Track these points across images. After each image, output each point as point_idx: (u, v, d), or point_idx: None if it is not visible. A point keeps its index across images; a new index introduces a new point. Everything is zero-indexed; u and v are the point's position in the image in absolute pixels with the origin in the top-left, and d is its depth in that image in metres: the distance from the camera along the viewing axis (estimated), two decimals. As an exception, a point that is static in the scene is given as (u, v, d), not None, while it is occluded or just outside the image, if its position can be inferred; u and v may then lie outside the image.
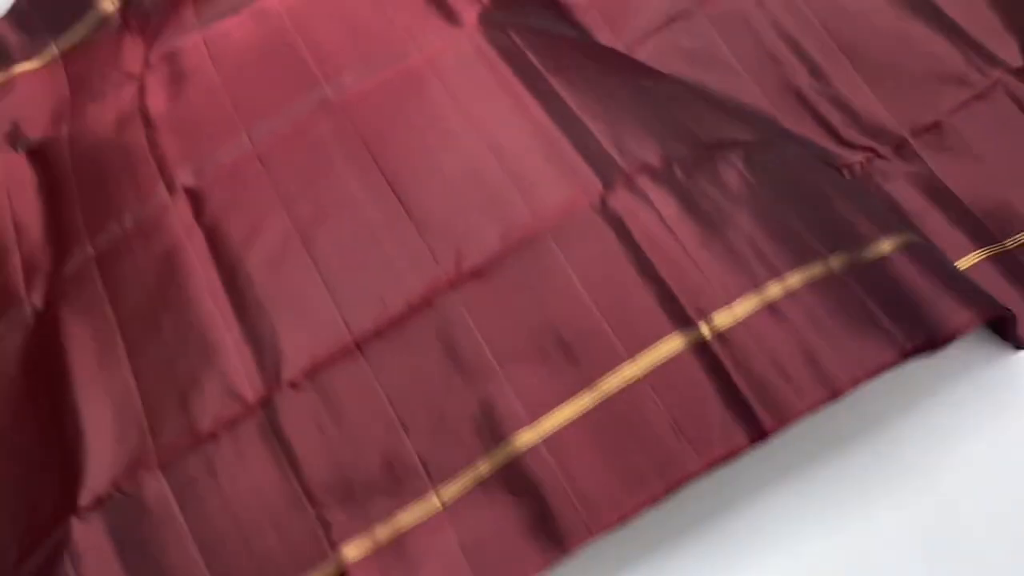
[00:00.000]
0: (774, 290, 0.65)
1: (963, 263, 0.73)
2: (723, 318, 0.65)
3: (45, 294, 0.80)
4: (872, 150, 0.80)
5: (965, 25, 0.83)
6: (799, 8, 0.87)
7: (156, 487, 0.67)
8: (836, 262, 0.66)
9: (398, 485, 0.64)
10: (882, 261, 0.67)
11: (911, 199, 0.77)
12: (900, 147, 0.80)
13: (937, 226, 0.75)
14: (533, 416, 0.64)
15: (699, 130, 0.76)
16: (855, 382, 0.61)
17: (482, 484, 0.63)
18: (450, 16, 0.85)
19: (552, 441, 0.63)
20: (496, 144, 0.75)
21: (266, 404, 0.69)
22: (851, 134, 0.81)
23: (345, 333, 0.70)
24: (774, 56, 0.86)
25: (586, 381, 0.65)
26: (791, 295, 0.65)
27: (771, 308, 0.65)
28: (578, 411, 0.64)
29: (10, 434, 0.74)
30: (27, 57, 0.97)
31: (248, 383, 0.70)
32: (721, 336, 0.64)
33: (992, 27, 0.83)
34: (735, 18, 0.87)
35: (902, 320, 0.63)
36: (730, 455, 0.61)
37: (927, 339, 0.63)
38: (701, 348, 0.64)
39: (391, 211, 0.74)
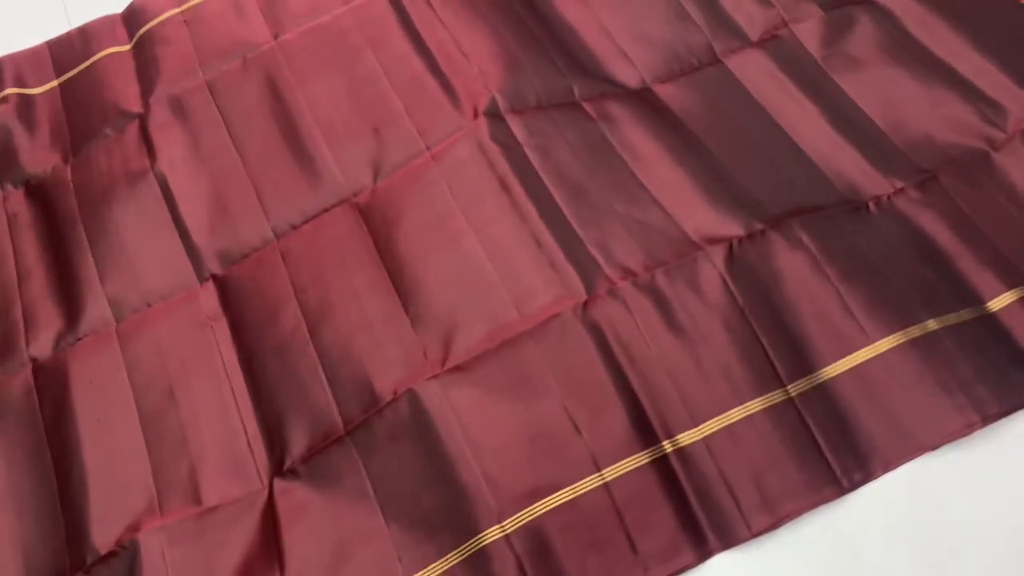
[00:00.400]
0: (735, 414, 0.70)
1: (996, 303, 0.73)
2: (687, 437, 0.69)
3: (53, 348, 0.82)
4: (900, 187, 0.81)
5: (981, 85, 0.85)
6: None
7: (158, 549, 0.70)
8: (794, 389, 0.71)
9: (373, 570, 0.68)
10: (824, 386, 0.70)
11: (940, 234, 0.77)
12: (926, 182, 0.81)
13: (967, 264, 0.76)
14: (502, 516, 0.68)
15: (689, 226, 0.79)
16: (800, 511, 0.66)
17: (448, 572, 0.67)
18: (458, 104, 0.89)
19: (519, 535, 0.67)
20: (491, 245, 0.80)
21: (268, 486, 0.73)
22: (879, 168, 0.82)
23: (337, 422, 0.75)
24: None
25: (555, 486, 0.68)
26: (749, 419, 0.70)
27: (730, 431, 0.69)
28: (544, 510, 0.68)
29: (15, 490, 0.76)
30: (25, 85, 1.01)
31: (256, 467, 0.74)
32: (682, 453, 0.69)
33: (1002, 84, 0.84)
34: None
35: (844, 451, 0.68)
36: (677, 572, 0.65)
37: (863, 476, 0.67)
38: (662, 463, 0.68)
39: (390, 306, 0.79)
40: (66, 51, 1.04)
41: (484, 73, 0.89)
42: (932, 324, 0.71)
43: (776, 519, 0.66)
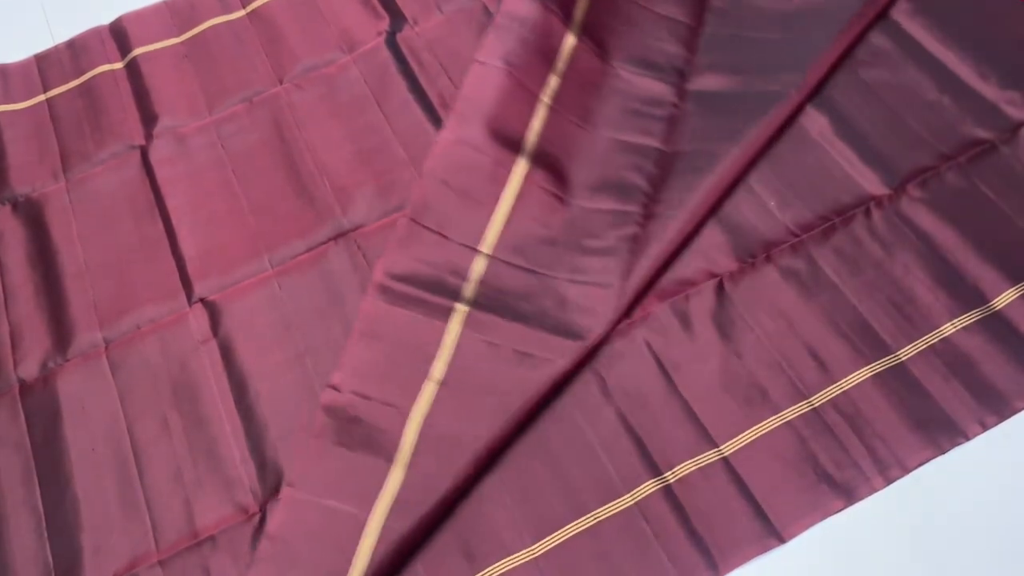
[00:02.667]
0: (728, 447, 0.72)
1: (1000, 301, 0.76)
2: (686, 468, 0.71)
3: (40, 369, 0.81)
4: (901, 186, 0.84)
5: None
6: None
7: None
8: (791, 413, 0.73)
9: None
10: (824, 408, 0.73)
11: (940, 232, 0.81)
12: (928, 179, 0.84)
13: (968, 260, 0.79)
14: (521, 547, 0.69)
15: (683, 262, 0.81)
16: (799, 529, 0.68)
17: None
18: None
19: (525, 568, 0.68)
20: None
21: (261, 511, 0.73)
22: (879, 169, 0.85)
23: None
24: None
25: (563, 520, 0.70)
26: (746, 449, 0.71)
27: (726, 462, 0.71)
28: (556, 543, 0.69)
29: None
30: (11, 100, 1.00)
31: (251, 496, 0.74)
32: (683, 481, 0.70)
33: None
34: None
35: (844, 469, 0.70)
36: None
37: (872, 489, 0.69)
38: (667, 492, 0.70)
39: None
40: (54, 66, 1.03)
41: None
42: (931, 337, 0.75)
43: (778, 539, 0.68)
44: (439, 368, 0.74)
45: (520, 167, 0.83)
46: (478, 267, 0.79)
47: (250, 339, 0.81)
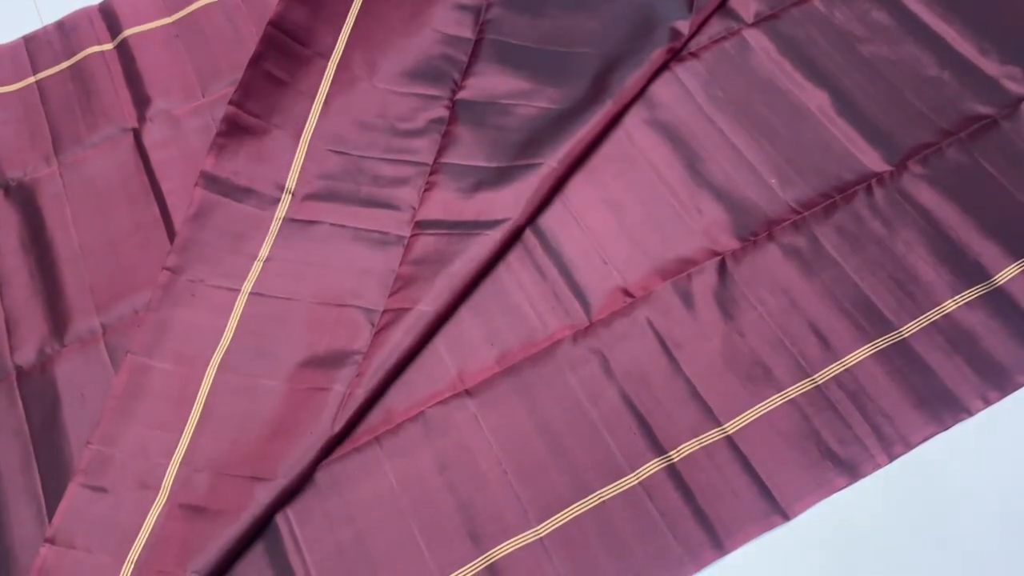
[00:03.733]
0: (732, 426, 0.72)
1: (1002, 276, 0.76)
2: (690, 447, 0.71)
3: (36, 355, 0.80)
4: (903, 163, 0.84)
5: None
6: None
7: None
8: (794, 392, 0.73)
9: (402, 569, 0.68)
10: (827, 385, 0.73)
11: (941, 208, 0.81)
12: (929, 156, 0.84)
13: (970, 236, 0.79)
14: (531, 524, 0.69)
15: (685, 242, 0.81)
16: (804, 507, 0.68)
17: None
18: None
19: (530, 548, 0.68)
20: (497, 275, 0.81)
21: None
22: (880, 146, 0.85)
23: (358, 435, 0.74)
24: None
25: (568, 500, 0.70)
26: (750, 427, 0.71)
27: (729, 440, 0.71)
28: (561, 522, 0.69)
29: None
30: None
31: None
32: (688, 461, 0.70)
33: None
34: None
35: (848, 446, 0.70)
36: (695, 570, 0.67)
37: (865, 464, 0.69)
38: (671, 471, 0.70)
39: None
40: (43, 47, 1.01)
41: None
42: (933, 314, 0.75)
43: (782, 516, 0.68)
44: (265, 249, 0.80)
45: (335, 57, 0.88)
46: (300, 154, 0.84)
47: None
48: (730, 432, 0.71)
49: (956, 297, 0.75)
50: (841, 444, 0.70)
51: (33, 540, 0.71)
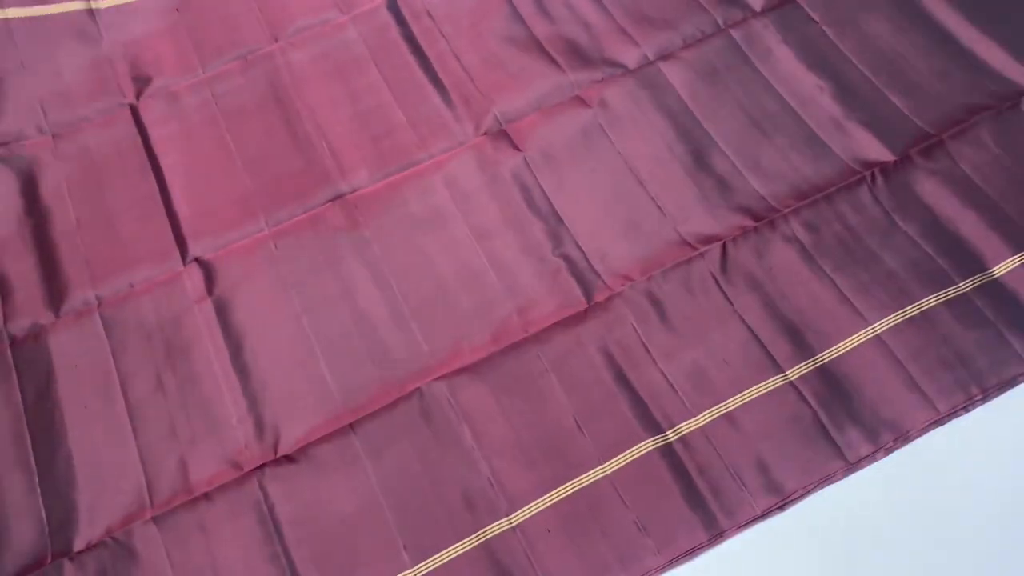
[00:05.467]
0: (733, 403, 0.72)
1: (1001, 268, 0.77)
2: (688, 426, 0.72)
3: (31, 325, 0.80)
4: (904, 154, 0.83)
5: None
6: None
7: (148, 538, 0.70)
8: (793, 373, 0.73)
9: (377, 563, 0.68)
10: (824, 368, 0.73)
11: (944, 200, 0.81)
12: (931, 148, 0.84)
13: (973, 229, 0.79)
14: (511, 509, 0.70)
15: (683, 228, 0.81)
16: (804, 490, 0.69)
17: (455, 561, 0.68)
18: (459, 119, 0.89)
19: (526, 527, 0.69)
20: (493, 255, 0.81)
21: (260, 473, 0.72)
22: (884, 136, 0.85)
23: (340, 411, 0.75)
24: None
25: (560, 479, 0.70)
26: (746, 406, 0.72)
27: (728, 417, 0.72)
28: (552, 501, 0.70)
29: None
30: None
31: (247, 452, 0.73)
32: (685, 440, 0.71)
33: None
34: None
35: (847, 427, 0.70)
36: (690, 552, 0.67)
37: (869, 449, 0.70)
38: (667, 451, 0.71)
39: (392, 304, 0.79)
40: None
41: (483, 89, 0.90)
42: (931, 301, 0.75)
43: (782, 497, 0.68)
44: None
45: None
46: None
47: (246, 298, 0.80)
48: (728, 411, 0.72)
49: (942, 292, 0.76)
50: (838, 429, 0.70)
51: (24, 510, 0.70)
